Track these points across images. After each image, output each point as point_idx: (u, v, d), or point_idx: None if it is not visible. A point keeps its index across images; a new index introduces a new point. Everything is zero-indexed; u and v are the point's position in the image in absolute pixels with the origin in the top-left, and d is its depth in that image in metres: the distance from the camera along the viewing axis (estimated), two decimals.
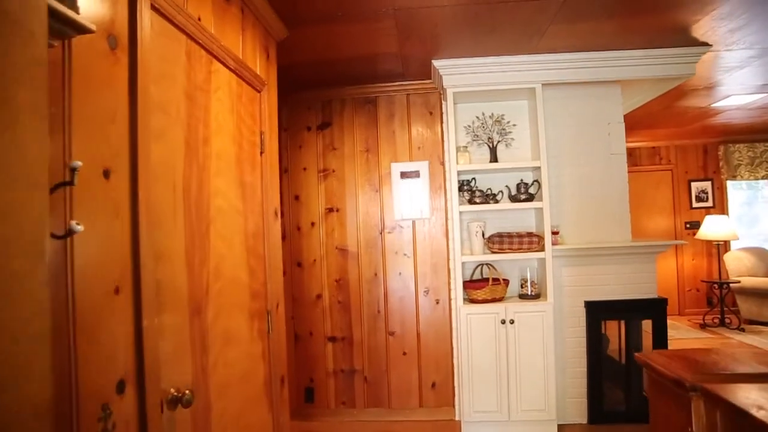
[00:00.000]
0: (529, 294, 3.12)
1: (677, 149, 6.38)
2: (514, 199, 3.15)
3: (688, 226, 6.34)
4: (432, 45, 2.76)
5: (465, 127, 3.30)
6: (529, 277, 3.16)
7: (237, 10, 1.85)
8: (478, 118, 3.28)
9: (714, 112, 5.10)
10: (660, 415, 1.57)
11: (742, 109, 4.97)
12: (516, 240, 3.08)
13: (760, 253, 6.00)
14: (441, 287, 3.43)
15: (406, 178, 3.45)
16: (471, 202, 3.16)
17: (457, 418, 3.27)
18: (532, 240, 3.06)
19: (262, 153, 2.08)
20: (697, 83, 3.90)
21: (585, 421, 3.13)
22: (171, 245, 1.28)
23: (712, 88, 4.06)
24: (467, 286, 3.12)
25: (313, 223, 3.52)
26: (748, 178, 6.34)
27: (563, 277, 3.12)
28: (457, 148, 3.13)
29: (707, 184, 6.37)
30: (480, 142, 3.28)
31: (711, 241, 5.91)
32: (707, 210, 6.33)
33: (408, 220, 3.46)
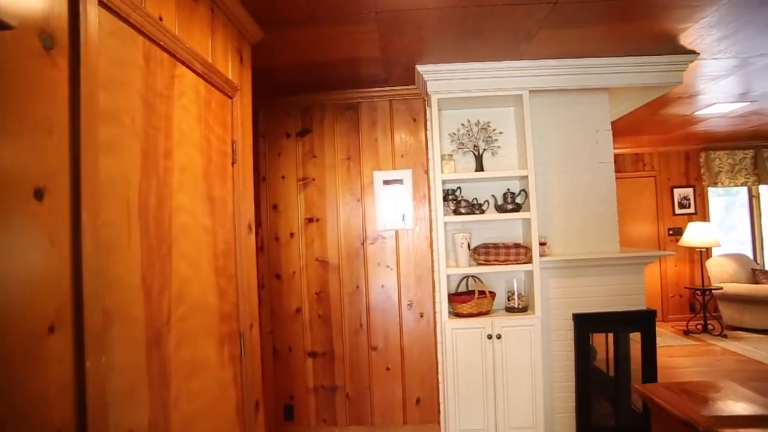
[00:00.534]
0: (516, 307, 3.02)
1: (660, 156, 6.41)
2: (500, 209, 3.05)
3: (671, 232, 6.36)
4: (416, 49, 2.66)
5: (450, 134, 3.20)
6: (516, 290, 3.07)
7: (206, 9, 1.72)
8: (463, 125, 3.18)
9: (697, 120, 5.11)
10: None
11: (724, 117, 4.99)
12: (503, 251, 2.99)
13: (741, 259, 6.05)
14: (425, 300, 3.32)
15: (389, 186, 3.34)
16: (456, 212, 3.05)
17: None
18: (519, 251, 2.97)
19: (233, 163, 1.94)
20: (683, 91, 3.88)
21: None
22: (124, 271, 1.14)
23: (697, 96, 4.04)
24: (453, 299, 3.01)
25: (292, 234, 3.37)
26: (728, 185, 6.40)
27: (551, 289, 3.03)
28: (442, 157, 3.02)
29: (689, 191, 6.40)
30: (465, 150, 3.18)
31: (694, 248, 5.92)
32: (689, 216, 6.36)
33: (391, 230, 3.35)
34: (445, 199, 3.08)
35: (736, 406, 1.27)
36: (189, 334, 1.47)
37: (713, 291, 5.77)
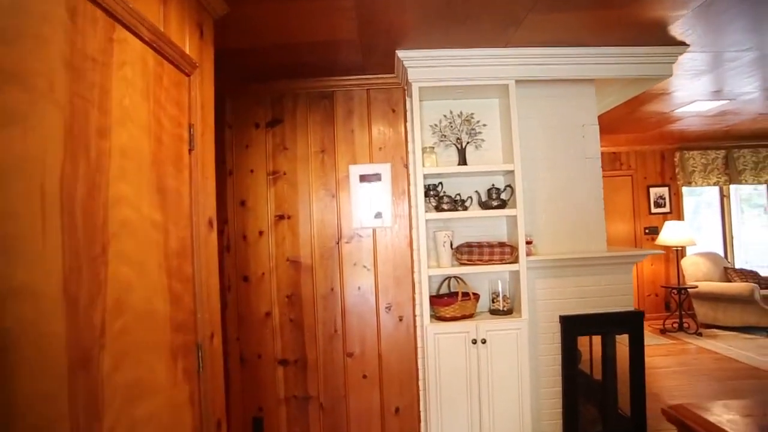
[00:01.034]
0: (501, 309, 2.86)
1: (637, 155, 6.40)
2: (484, 205, 2.88)
3: (647, 231, 6.36)
4: (397, 31, 2.45)
5: (431, 126, 3.01)
6: (500, 291, 2.90)
7: None
8: (445, 116, 3.00)
9: (673, 119, 5.09)
10: None
11: (701, 116, 4.99)
12: (487, 250, 2.82)
13: (714, 258, 6.09)
14: (405, 303, 3.12)
15: (366, 182, 3.13)
16: (438, 208, 2.87)
17: None
18: (504, 250, 2.80)
19: (191, 150, 1.69)
20: (665, 87, 3.81)
21: None
22: (36, 276, 0.90)
23: (678, 92, 3.99)
24: (434, 302, 2.82)
25: (261, 232, 3.12)
26: (701, 184, 6.45)
27: (537, 291, 2.88)
28: (423, 149, 2.83)
29: (665, 190, 6.42)
30: (447, 143, 3.00)
31: (669, 247, 5.93)
32: (665, 216, 6.38)
33: (368, 228, 3.14)
34: (426, 194, 2.89)
35: None
36: (131, 350, 1.22)
37: (689, 290, 5.79)
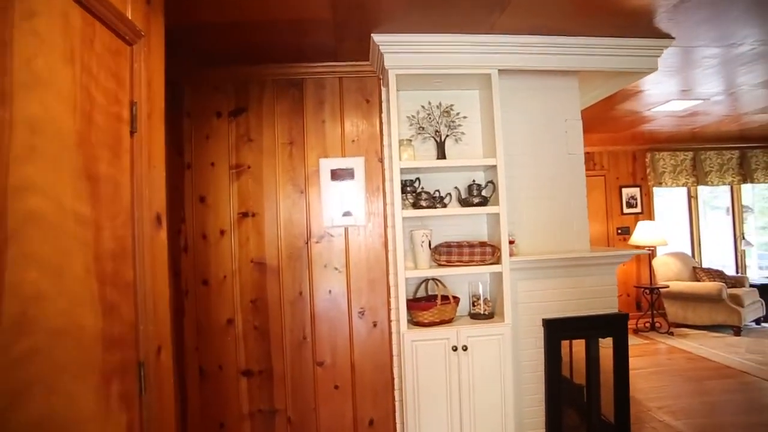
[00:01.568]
0: (483, 313, 2.69)
1: (610, 155, 6.41)
2: (465, 202, 2.71)
3: (620, 231, 6.37)
4: (372, 10, 2.24)
5: (408, 117, 2.81)
6: (481, 294, 2.73)
7: None
8: (423, 107, 2.81)
9: (648, 119, 5.09)
10: None
11: (673, 116, 4.99)
12: (467, 251, 2.64)
13: (683, 258, 6.15)
14: (379, 307, 2.91)
15: (338, 178, 2.90)
16: (415, 206, 2.67)
17: None
18: (485, 251, 2.63)
19: (133, 133, 1.43)
20: (643, 85, 3.75)
21: None
22: None
23: (653, 90, 3.94)
24: (412, 306, 2.62)
25: (222, 231, 2.85)
26: (671, 185, 6.51)
27: (519, 293, 2.72)
28: (400, 142, 2.63)
29: (636, 190, 6.45)
30: (426, 135, 2.81)
31: (642, 247, 5.94)
32: (636, 216, 6.41)
33: (339, 227, 2.91)
34: (402, 190, 2.69)
35: None
36: (41, 378, 0.96)
37: (660, 290, 5.82)
